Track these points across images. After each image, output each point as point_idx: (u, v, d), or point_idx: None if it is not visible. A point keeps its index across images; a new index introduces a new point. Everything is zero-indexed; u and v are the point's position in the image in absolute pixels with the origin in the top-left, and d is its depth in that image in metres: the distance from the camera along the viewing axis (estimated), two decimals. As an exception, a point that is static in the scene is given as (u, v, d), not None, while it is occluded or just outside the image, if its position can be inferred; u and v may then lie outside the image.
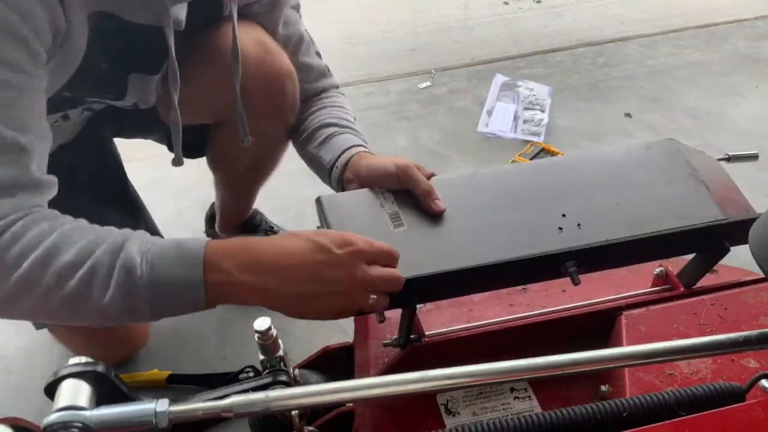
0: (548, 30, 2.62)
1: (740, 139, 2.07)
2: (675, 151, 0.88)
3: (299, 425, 0.77)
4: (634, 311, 0.84)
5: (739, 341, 0.63)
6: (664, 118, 2.18)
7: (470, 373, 0.60)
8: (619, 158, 0.88)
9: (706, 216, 0.80)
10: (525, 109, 2.17)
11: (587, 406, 0.66)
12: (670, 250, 0.85)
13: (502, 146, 2.04)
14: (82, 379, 0.56)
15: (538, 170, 0.88)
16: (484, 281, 0.79)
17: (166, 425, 0.55)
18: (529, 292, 0.94)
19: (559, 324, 0.86)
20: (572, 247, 0.77)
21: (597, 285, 0.88)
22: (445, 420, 0.79)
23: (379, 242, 0.75)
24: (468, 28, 2.64)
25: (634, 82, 2.34)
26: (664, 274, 0.90)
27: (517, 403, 0.80)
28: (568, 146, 2.03)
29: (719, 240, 0.81)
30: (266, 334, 0.74)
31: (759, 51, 2.49)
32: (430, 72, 2.36)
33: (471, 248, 0.77)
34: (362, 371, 0.88)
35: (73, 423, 0.53)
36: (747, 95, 2.27)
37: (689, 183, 0.84)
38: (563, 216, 0.80)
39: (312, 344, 1.09)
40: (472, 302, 0.91)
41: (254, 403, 0.57)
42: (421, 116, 2.16)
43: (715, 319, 0.83)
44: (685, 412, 0.64)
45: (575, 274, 0.77)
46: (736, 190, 0.85)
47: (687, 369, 0.78)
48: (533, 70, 2.39)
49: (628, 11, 2.73)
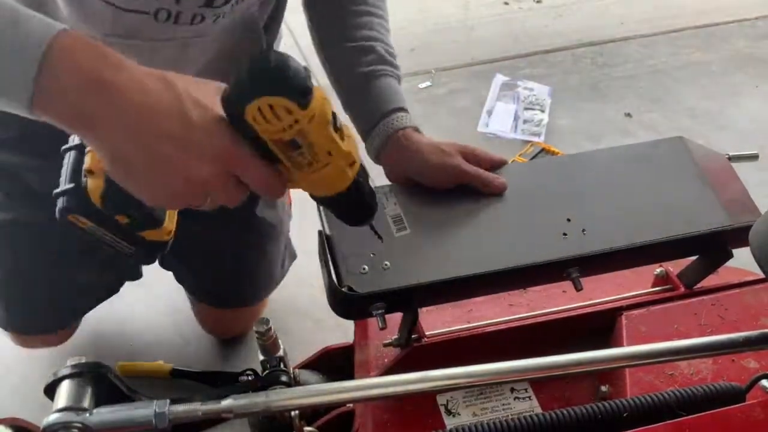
0: (548, 30, 2.62)
1: (740, 139, 2.07)
2: (683, 151, 0.87)
3: (299, 425, 0.77)
4: (635, 311, 0.84)
5: (739, 342, 0.63)
6: (664, 118, 2.18)
7: (470, 373, 0.60)
8: (626, 158, 0.87)
9: (712, 222, 0.79)
10: (525, 109, 2.17)
11: (588, 406, 0.66)
12: (674, 254, 0.85)
13: (502, 146, 2.03)
14: (82, 379, 0.56)
15: (544, 170, 0.88)
16: (487, 287, 0.79)
17: (166, 426, 0.55)
18: (530, 292, 0.94)
19: (560, 324, 0.86)
20: (576, 255, 0.76)
21: (597, 285, 0.88)
22: (446, 420, 0.79)
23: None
24: (468, 28, 2.64)
25: (634, 82, 2.33)
26: (664, 274, 0.90)
27: (517, 404, 0.80)
28: (568, 146, 2.03)
29: (724, 245, 0.81)
30: (266, 335, 0.74)
31: (759, 51, 2.49)
32: (430, 72, 2.36)
33: (475, 254, 0.77)
34: (362, 371, 0.88)
35: (72, 423, 0.53)
36: (747, 95, 2.27)
37: (696, 185, 0.83)
38: (568, 221, 0.79)
39: (312, 344, 1.09)
40: (472, 303, 0.91)
41: (254, 403, 0.57)
42: (421, 116, 2.16)
43: (716, 320, 0.83)
44: (685, 413, 0.64)
45: (578, 279, 0.77)
46: (745, 192, 0.84)
47: (687, 369, 0.77)
48: (533, 70, 2.38)
49: (628, 11, 2.72)
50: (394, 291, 0.73)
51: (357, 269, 0.75)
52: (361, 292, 0.73)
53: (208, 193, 0.57)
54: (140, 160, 0.54)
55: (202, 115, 0.55)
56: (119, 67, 0.54)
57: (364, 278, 0.74)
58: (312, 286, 1.59)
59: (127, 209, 0.58)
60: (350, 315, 0.80)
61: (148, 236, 0.61)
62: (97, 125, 0.53)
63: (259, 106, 0.50)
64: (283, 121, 0.51)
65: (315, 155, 0.54)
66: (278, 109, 0.50)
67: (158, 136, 0.54)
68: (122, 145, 0.54)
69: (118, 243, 0.61)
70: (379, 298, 0.74)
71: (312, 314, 1.54)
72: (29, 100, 0.51)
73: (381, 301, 0.74)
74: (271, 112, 0.50)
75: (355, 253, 0.76)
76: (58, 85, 0.51)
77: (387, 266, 0.75)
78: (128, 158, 0.54)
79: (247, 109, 0.51)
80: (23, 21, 0.52)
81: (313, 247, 0.78)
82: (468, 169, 0.83)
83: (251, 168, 0.56)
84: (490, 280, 0.75)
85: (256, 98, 0.50)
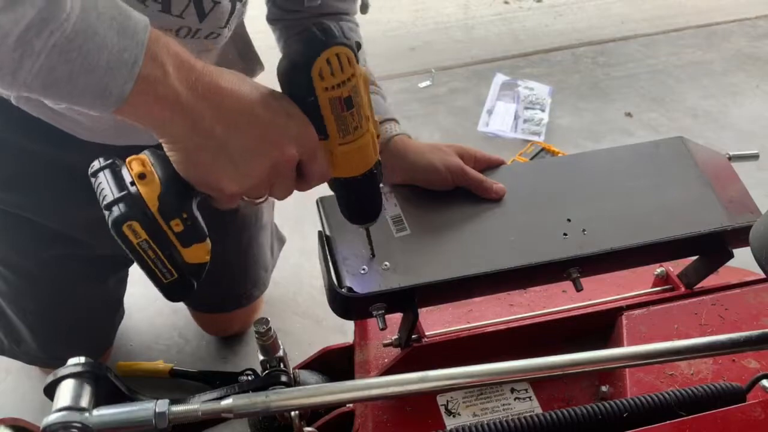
0: (549, 29, 2.62)
1: (741, 139, 2.07)
2: (683, 151, 0.87)
3: (299, 426, 0.77)
4: (635, 311, 0.84)
5: (739, 341, 0.63)
6: (665, 117, 2.18)
7: (470, 373, 0.60)
8: (627, 158, 0.87)
9: (713, 222, 0.79)
10: (525, 108, 2.17)
11: (588, 406, 0.66)
12: (674, 254, 0.85)
13: (502, 146, 2.03)
14: (82, 379, 0.56)
15: (544, 171, 0.88)
16: (487, 287, 0.79)
17: (166, 426, 0.55)
18: (530, 292, 0.94)
19: (560, 324, 0.86)
20: (577, 255, 0.76)
21: (597, 285, 0.88)
22: (446, 421, 0.79)
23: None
24: (468, 27, 2.64)
25: (634, 81, 2.33)
26: (665, 274, 0.90)
27: (517, 404, 0.80)
28: (568, 146, 2.03)
29: (724, 244, 0.81)
30: (266, 335, 0.74)
31: (760, 50, 2.49)
32: (431, 71, 2.36)
33: (475, 254, 0.77)
34: (362, 372, 0.88)
35: (72, 423, 0.53)
36: (748, 94, 2.27)
37: (696, 185, 0.83)
38: (568, 221, 0.79)
39: (312, 344, 1.09)
40: (472, 303, 0.91)
41: (254, 403, 0.57)
42: (421, 116, 2.16)
43: (716, 320, 0.83)
44: (685, 413, 0.64)
45: (578, 279, 0.77)
46: (745, 192, 0.84)
47: (687, 369, 0.77)
48: (534, 70, 2.38)
49: (628, 10, 2.72)
50: (394, 291, 0.73)
51: (357, 269, 0.75)
52: (361, 292, 0.73)
53: (278, 179, 0.60)
54: (236, 144, 0.56)
55: (277, 99, 0.59)
56: (195, 57, 0.56)
57: (364, 278, 0.74)
58: (312, 286, 1.59)
59: (183, 210, 0.58)
60: (350, 315, 0.80)
61: (190, 258, 0.60)
62: (195, 109, 0.54)
63: (328, 57, 0.57)
64: (345, 72, 0.58)
65: (360, 118, 0.61)
66: (342, 59, 0.57)
67: (252, 119, 0.57)
68: (218, 129, 0.55)
69: (160, 268, 0.59)
70: (379, 298, 0.74)
71: (312, 314, 1.54)
72: (125, 89, 0.51)
73: (381, 301, 0.74)
74: (337, 62, 0.57)
75: (354, 254, 0.76)
76: (162, 71, 0.52)
77: (387, 266, 0.75)
78: (222, 142, 0.56)
79: (316, 63, 0.57)
80: (127, 9, 0.52)
81: (313, 247, 0.78)
82: (469, 169, 0.83)
83: (317, 148, 0.61)
84: (490, 280, 0.75)
85: (325, 50, 0.56)
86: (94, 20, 0.49)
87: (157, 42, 0.52)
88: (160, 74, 0.52)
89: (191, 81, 0.54)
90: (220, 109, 0.55)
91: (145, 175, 0.57)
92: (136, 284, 1.35)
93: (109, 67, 0.50)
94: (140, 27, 0.51)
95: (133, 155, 0.59)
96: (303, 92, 0.59)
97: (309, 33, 0.58)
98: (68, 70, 0.49)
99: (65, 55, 0.49)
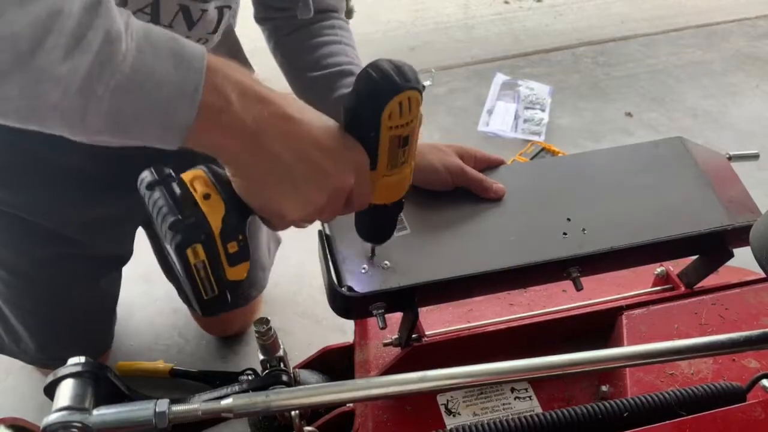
0: (549, 29, 2.62)
1: (741, 139, 2.07)
2: (683, 151, 0.87)
3: (299, 425, 0.77)
4: (635, 311, 0.84)
5: (739, 341, 0.63)
6: (665, 117, 2.18)
7: (470, 373, 0.60)
8: (626, 158, 0.88)
9: (713, 221, 0.79)
10: (525, 108, 2.17)
11: (588, 406, 0.66)
12: (674, 254, 0.85)
13: (502, 145, 2.03)
14: (82, 378, 0.56)
15: (544, 170, 0.88)
16: (487, 287, 0.79)
17: (166, 425, 0.55)
18: (530, 291, 0.94)
19: (560, 324, 0.86)
20: (577, 254, 0.76)
21: (597, 285, 0.88)
22: (446, 420, 0.79)
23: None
24: (468, 27, 2.64)
25: (634, 81, 2.33)
26: (665, 274, 0.90)
27: (517, 403, 0.80)
28: (568, 145, 2.03)
29: (724, 244, 0.81)
30: (266, 334, 0.74)
31: (759, 50, 2.49)
32: (431, 71, 2.36)
33: (475, 254, 0.77)
34: (362, 371, 0.88)
35: (72, 423, 0.53)
36: (747, 94, 2.27)
37: (696, 185, 0.83)
38: (568, 220, 0.80)
39: (312, 344, 1.09)
40: (472, 302, 0.91)
41: (254, 403, 0.57)
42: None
43: (716, 319, 0.83)
44: (685, 413, 0.64)
45: (578, 279, 0.77)
46: (744, 192, 0.84)
47: (688, 369, 0.77)
48: (534, 69, 2.38)
49: (628, 10, 2.72)
50: (394, 291, 0.73)
51: (357, 269, 0.75)
52: (361, 291, 0.73)
53: (330, 206, 0.60)
54: (301, 171, 0.57)
55: (339, 128, 0.60)
56: (259, 82, 0.56)
57: (364, 278, 0.74)
58: (312, 286, 1.59)
59: (240, 233, 0.58)
60: (350, 315, 0.80)
61: (232, 275, 0.60)
62: (260, 135, 0.54)
63: (401, 101, 0.56)
64: (412, 113, 0.58)
65: (410, 152, 0.62)
66: (413, 103, 0.58)
67: (316, 146, 0.57)
68: (285, 156, 0.56)
69: (206, 285, 0.58)
70: (379, 298, 0.74)
71: (312, 314, 1.54)
72: (189, 120, 0.51)
73: (381, 300, 0.74)
74: (408, 105, 0.57)
75: (354, 253, 0.76)
76: (224, 100, 0.52)
77: (387, 266, 0.75)
78: (288, 169, 0.56)
79: (389, 105, 0.56)
80: (182, 40, 0.52)
81: (313, 246, 0.78)
82: (468, 169, 0.83)
83: (368, 180, 0.61)
84: (490, 279, 0.75)
85: (399, 94, 0.56)
86: (151, 56, 0.49)
87: (216, 72, 0.52)
88: (223, 103, 0.52)
89: (256, 109, 0.54)
90: (286, 136, 0.56)
91: (210, 195, 0.57)
92: (137, 284, 1.35)
93: (170, 99, 0.50)
94: (197, 56, 0.51)
95: (190, 171, 0.58)
96: (368, 128, 0.59)
97: (383, 72, 0.57)
98: (133, 109, 0.49)
99: (128, 95, 0.49)
